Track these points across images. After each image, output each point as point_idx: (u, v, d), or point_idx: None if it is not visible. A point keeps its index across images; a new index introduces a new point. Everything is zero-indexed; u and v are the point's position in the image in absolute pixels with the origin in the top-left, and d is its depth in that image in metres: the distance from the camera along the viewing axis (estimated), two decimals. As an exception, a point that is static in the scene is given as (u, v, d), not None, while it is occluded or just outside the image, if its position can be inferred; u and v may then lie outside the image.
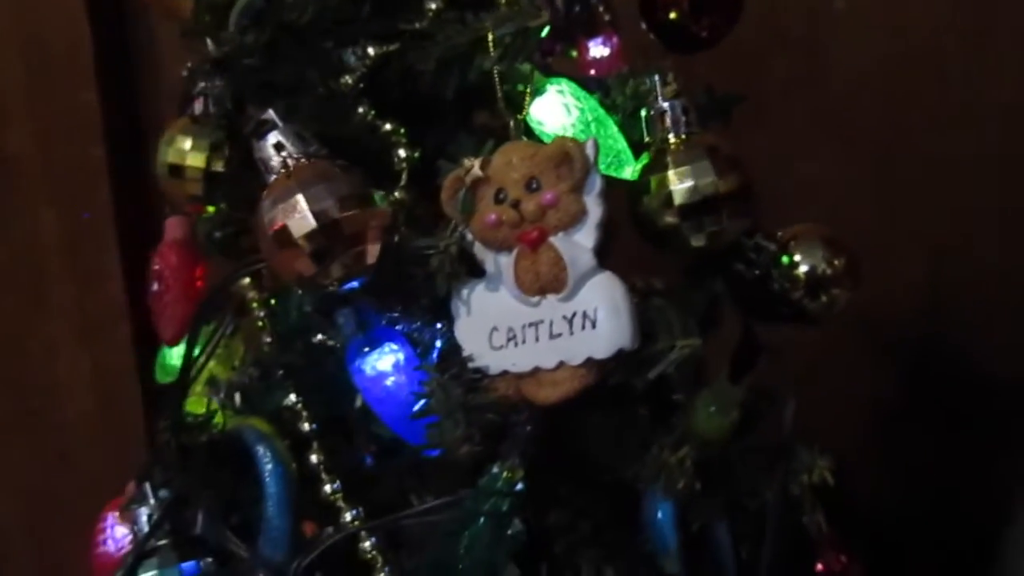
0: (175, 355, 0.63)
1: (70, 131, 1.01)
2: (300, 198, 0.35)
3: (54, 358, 1.10)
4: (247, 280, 0.49)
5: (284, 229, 0.35)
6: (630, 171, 0.40)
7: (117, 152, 1.04)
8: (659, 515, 0.42)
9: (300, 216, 0.35)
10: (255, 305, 0.52)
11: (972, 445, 0.93)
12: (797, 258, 0.45)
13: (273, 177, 0.37)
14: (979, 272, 0.91)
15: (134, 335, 1.08)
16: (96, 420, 1.12)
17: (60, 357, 1.10)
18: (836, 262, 0.45)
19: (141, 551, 0.43)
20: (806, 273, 0.45)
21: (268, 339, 0.50)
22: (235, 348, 0.59)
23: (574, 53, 0.56)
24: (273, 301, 0.52)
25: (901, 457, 0.97)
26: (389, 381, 0.40)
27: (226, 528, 0.45)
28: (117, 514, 0.51)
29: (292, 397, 0.49)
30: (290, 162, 0.37)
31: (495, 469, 0.41)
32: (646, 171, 0.39)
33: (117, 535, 0.51)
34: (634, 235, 0.42)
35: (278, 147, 0.37)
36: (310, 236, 0.35)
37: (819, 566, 0.58)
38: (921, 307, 0.93)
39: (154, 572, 0.43)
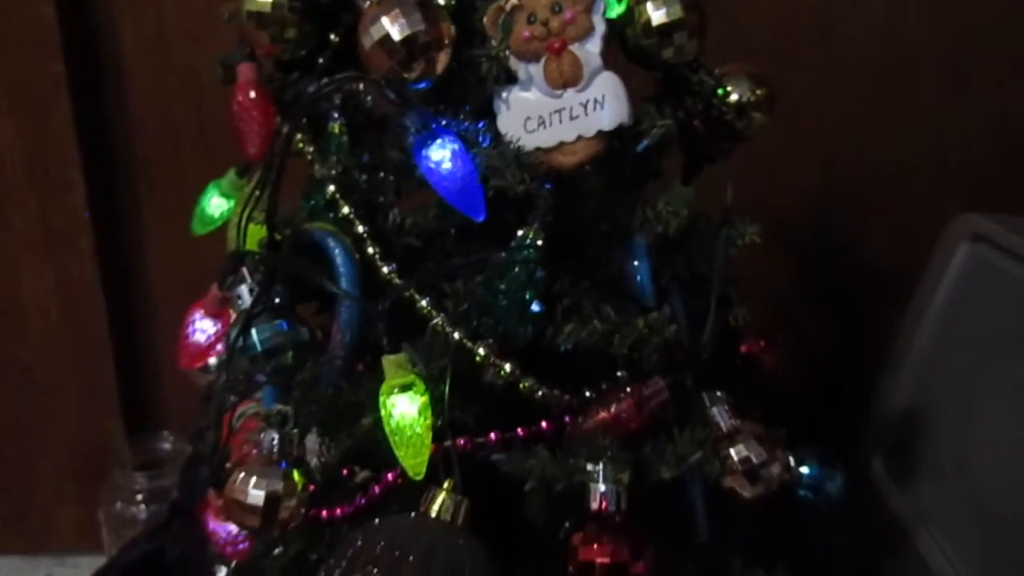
0: (213, 206, 0.77)
1: (28, 46, 1.06)
2: (398, 11, 0.52)
3: (16, 271, 1.16)
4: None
5: (387, 36, 0.52)
6: (616, 12, 0.59)
7: (76, 66, 1.09)
8: (636, 263, 0.61)
9: (398, 25, 0.52)
10: (301, 145, 0.67)
11: (853, 322, 1.12)
12: (729, 89, 0.64)
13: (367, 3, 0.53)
14: (863, 176, 1.08)
15: (97, 247, 1.15)
16: (60, 333, 1.18)
17: (22, 270, 1.16)
18: (758, 91, 0.64)
19: (252, 311, 0.58)
20: (736, 100, 0.64)
21: (317, 167, 0.65)
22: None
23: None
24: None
25: (794, 334, 1.18)
26: (446, 166, 0.56)
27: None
28: (201, 311, 0.65)
29: (345, 210, 0.65)
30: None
31: (522, 232, 0.58)
32: (630, 6, 0.58)
33: (203, 327, 0.64)
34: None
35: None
36: (404, 41, 0.52)
37: (743, 348, 0.78)
38: (812, 207, 1.10)
39: (269, 328, 0.57)
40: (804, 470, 0.72)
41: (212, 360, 0.67)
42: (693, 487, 0.66)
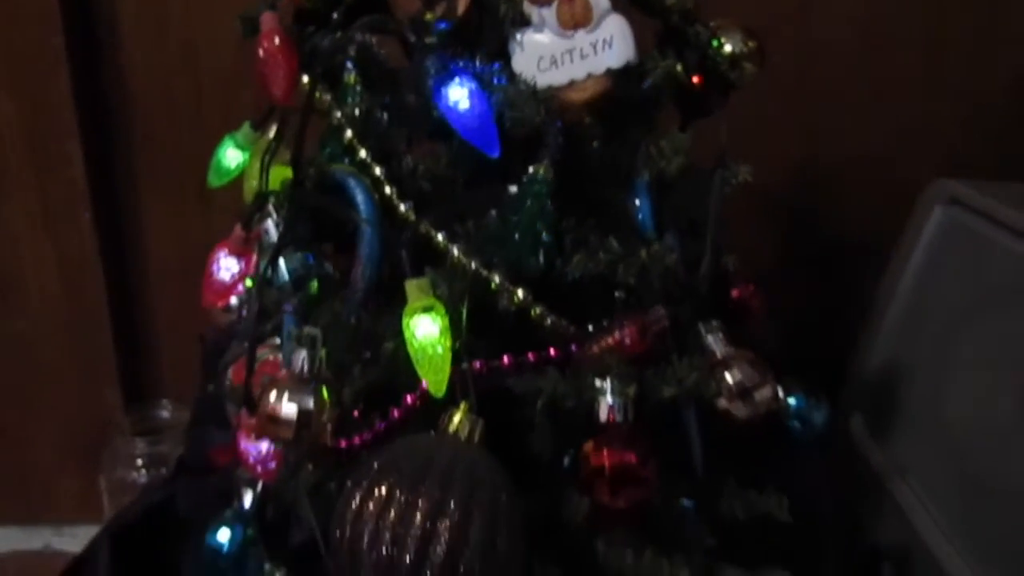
0: (229, 158, 0.81)
1: (28, 19, 1.08)
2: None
3: (16, 245, 1.18)
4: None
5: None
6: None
7: (75, 40, 1.12)
8: (638, 201, 0.66)
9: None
10: (319, 95, 0.72)
11: (834, 291, 1.18)
12: (723, 40, 0.70)
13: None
14: (848, 152, 1.14)
15: (96, 221, 1.18)
16: (60, 306, 1.21)
17: (22, 244, 1.18)
18: (750, 44, 0.70)
19: (281, 242, 0.62)
20: (729, 52, 0.70)
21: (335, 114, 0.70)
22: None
23: None
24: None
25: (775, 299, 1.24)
26: (464, 105, 0.61)
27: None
28: (225, 250, 0.69)
29: (363, 153, 0.69)
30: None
31: (533, 168, 0.64)
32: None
33: (228, 265, 0.68)
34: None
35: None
36: (427, -17, 0.57)
37: (734, 292, 0.84)
38: (799, 181, 1.16)
39: (296, 258, 0.62)
40: (791, 401, 0.77)
41: (234, 300, 0.71)
42: (688, 415, 0.71)
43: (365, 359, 0.63)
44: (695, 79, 0.70)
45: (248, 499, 0.71)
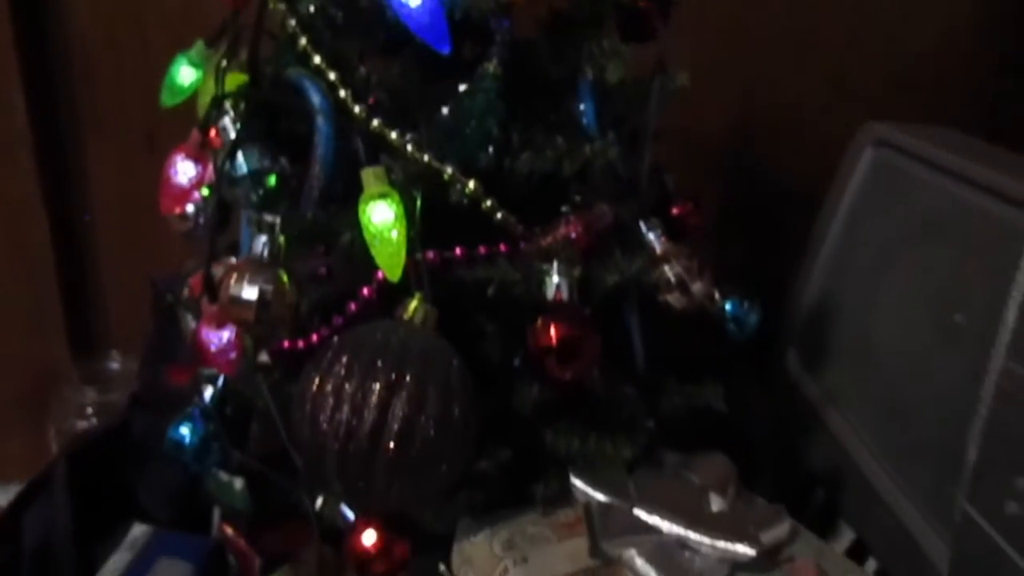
0: (183, 76, 0.84)
1: None
2: None
3: None
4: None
5: None
6: None
7: None
8: (583, 106, 0.71)
9: None
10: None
11: (770, 235, 1.22)
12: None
13: None
14: (783, 100, 1.19)
15: (38, 165, 1.18)
16: (2, 250, 1.21)
17: None
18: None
19: (238, 140, 0.65)
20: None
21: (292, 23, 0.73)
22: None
23: None
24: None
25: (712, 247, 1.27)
26: (415, 2, 0.66)
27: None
28: (183, 154, 0.71)
29: (317, 59, 0.73)
30: None
31: (483, 66, 0.68)
32: None
33: (185, 169, 0.71)
34: None
35: None
36: None
37: (674, 210, 0.89)
38: (733, 127, 1.21)
39: (254, 152, 0.65)
40: (728, 306, 0.83)
41: (190, 207, 0.74)
42: (630, 310, 0.77)
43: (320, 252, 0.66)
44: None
45: (208, 394, 0.73)
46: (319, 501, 0.76)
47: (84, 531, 0.82)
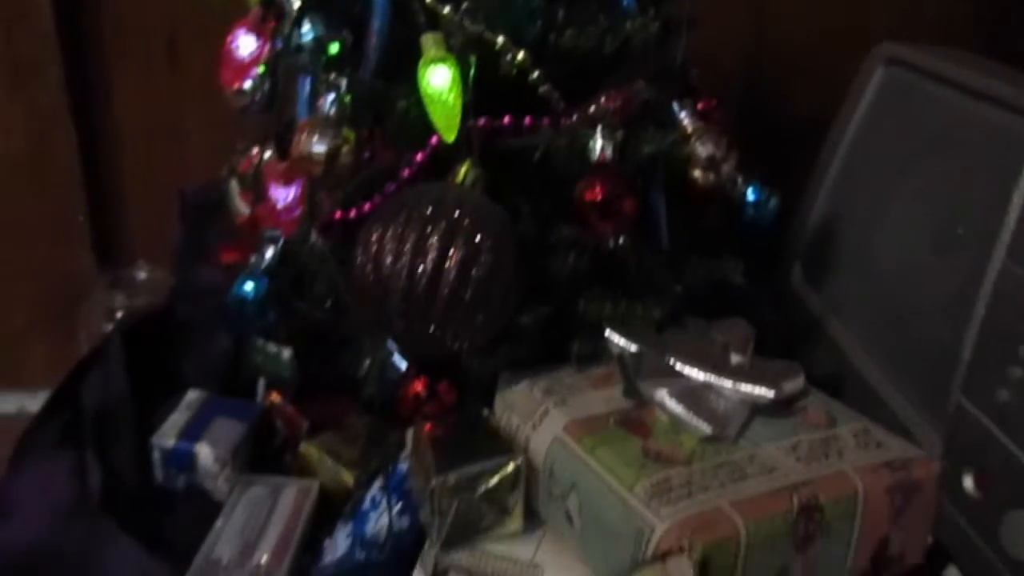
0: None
1: None
2: None
3: None
4: None
5: None
6: None
7: None
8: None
9: None
10: None
11: (781, 151, 1.20)
12: None
13: None
14: (792, 31, 1.25)
15: (67, 76, 1.21)
16: (30, 162, 1.24)
17: None
18: None
19: (304, 7, 0.70)
20: None
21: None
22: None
23: None
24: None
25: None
26: None
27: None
28: (244, 28, 0.76)
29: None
30: None
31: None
32: None
33: (246, 43, 0.76)
34: None
35: None
36: None
37: (699, 105, 0.95)
38: (746, 54, 1.26)
39: (318, 20, 0.70)
40: (749, 192, 0.90)
41: (248, 83, 0.79)
42: (656, 191, 0.83)
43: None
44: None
45: (270, 254, 0.79)
46: (366, 363, 0.82)
47: (139, 399, 0.88)
